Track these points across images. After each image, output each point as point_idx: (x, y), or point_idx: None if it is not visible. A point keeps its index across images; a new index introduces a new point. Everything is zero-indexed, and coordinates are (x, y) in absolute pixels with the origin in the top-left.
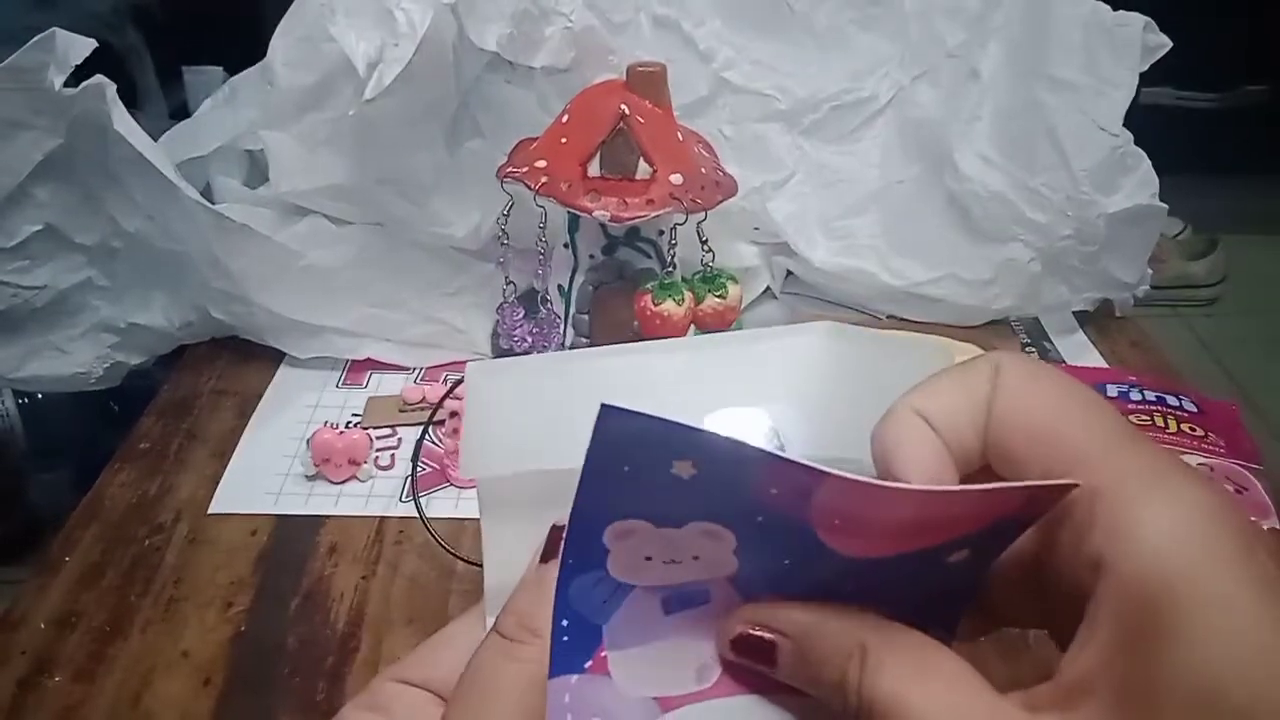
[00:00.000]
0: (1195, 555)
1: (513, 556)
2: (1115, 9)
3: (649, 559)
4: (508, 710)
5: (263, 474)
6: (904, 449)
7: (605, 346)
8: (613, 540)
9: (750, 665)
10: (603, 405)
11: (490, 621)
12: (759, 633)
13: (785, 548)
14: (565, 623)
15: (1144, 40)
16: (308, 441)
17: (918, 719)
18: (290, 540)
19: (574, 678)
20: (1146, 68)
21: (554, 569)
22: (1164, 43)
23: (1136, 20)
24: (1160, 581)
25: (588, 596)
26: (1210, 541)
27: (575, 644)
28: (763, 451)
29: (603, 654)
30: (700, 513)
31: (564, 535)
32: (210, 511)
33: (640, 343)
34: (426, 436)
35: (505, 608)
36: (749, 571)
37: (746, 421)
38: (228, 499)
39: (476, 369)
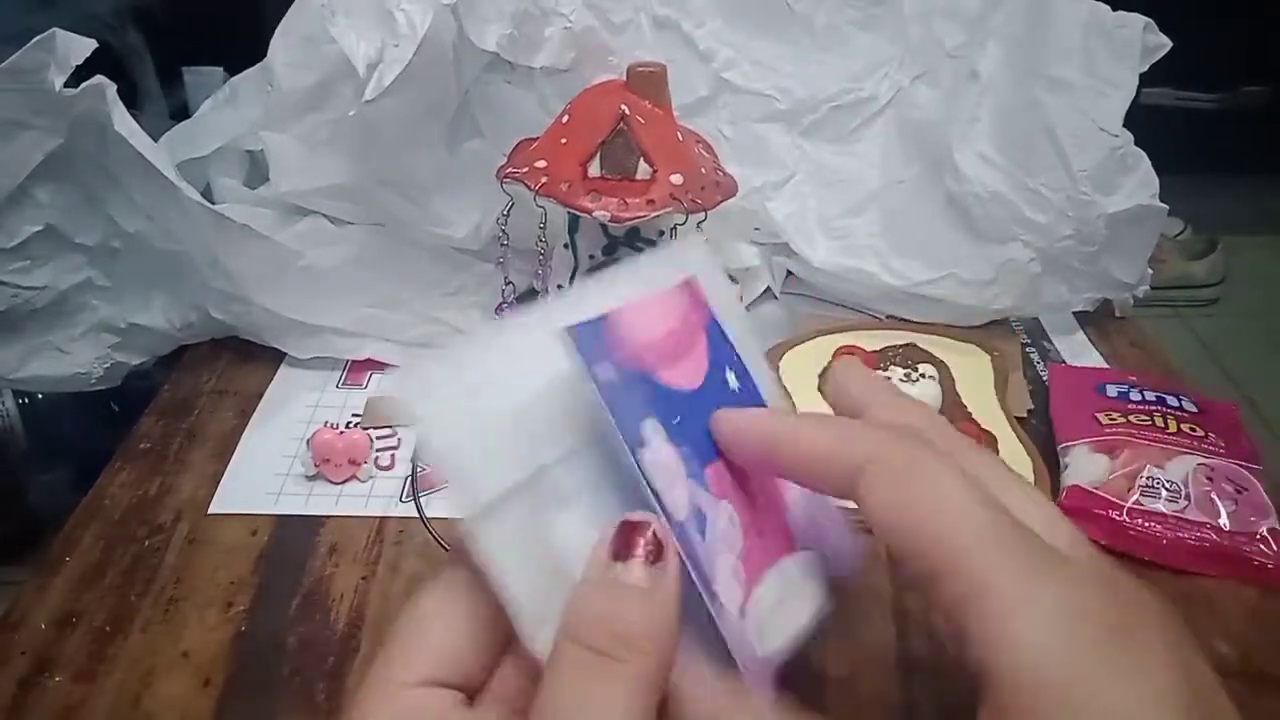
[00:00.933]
0: (1063, 661)
1: (534, 566)
2: (1115, 9)
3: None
4: None
5: (263, 474)
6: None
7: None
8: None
9: None
10: (563, 329)
11: (535, 642)
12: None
13: (666, 407)
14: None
15: (1144, 41)
16: (308, 442)
17: None
18: (290, 540)
19: (729, 614)
20: (1146, 68)
21: (629, 571)
22: (1164, 43)
23: (1136, 21)
24: (1034, 690)
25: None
26: (1075, 643)
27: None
28: (590, 320)
29: (714, 589)
30: (637, 413)
31: (653, 495)
32: (210, 511)
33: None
34: None
35: (579, 613)
36: (686, 455)
37: None
38: (228, 499)
39: (421, 403)
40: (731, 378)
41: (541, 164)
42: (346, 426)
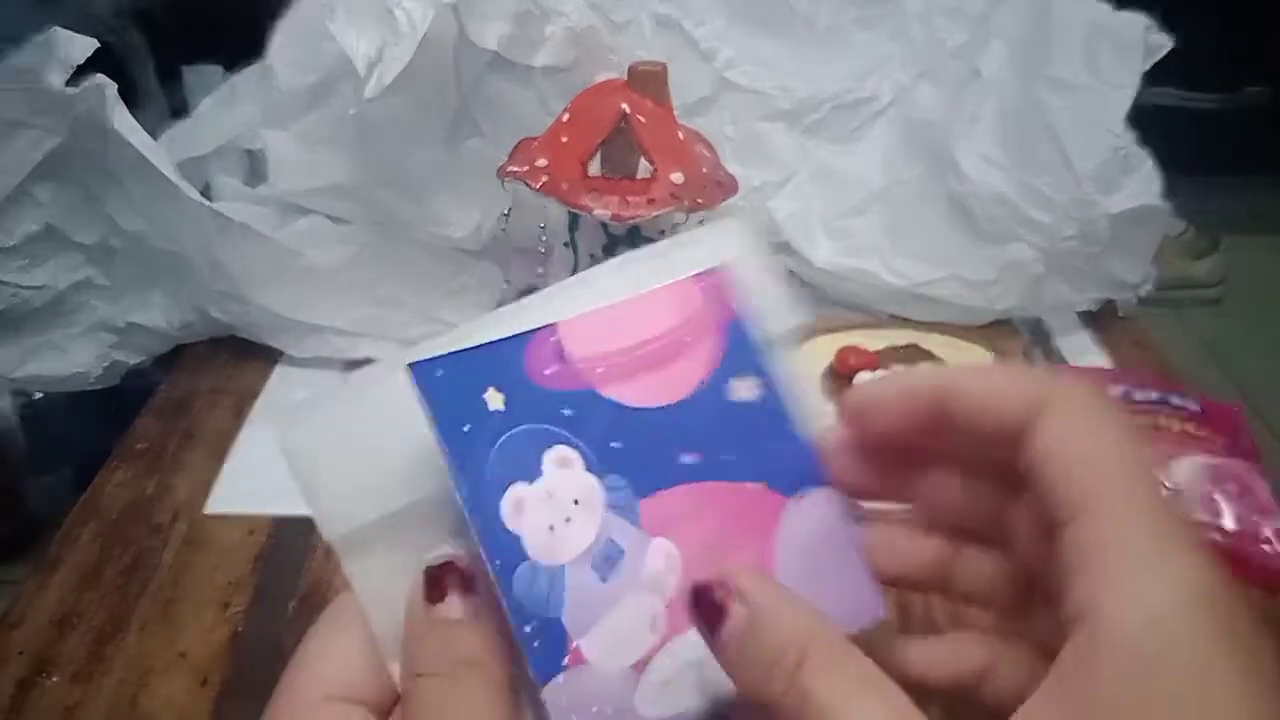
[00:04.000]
0: (1182, 631)
1: (395, 597)
2: (1117, 9)
3: (552, 529)
4: None
5: (260, 474)
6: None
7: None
8: (512, 519)
9: (694, 620)
10: (408, 365)
11: (394, 667)
12: (719, 592)
13: (602, 429)
14: (528, 628)
15: (1146, 40)
16: None
17: None
18: (288, 540)
19: (560, 678)
20: (1148, 68)
21: (448, 607)
22: (1165, 43)
23: (1138, 21)
24: (1142, 650)
25: (532, 594)
26: (1198, 619)
27: (546, 645)
28: (511, 337)
29: (574, 644)
30: (539, 442)
31: (478, 540)
32: (208, 511)
33: (495, 313)
34: None
35: (417, 653)
36: (611, 486)
37: None
38: (225, 499)
39: (289, 434)
40: (746, 386)
41: (542, 163)
42: None
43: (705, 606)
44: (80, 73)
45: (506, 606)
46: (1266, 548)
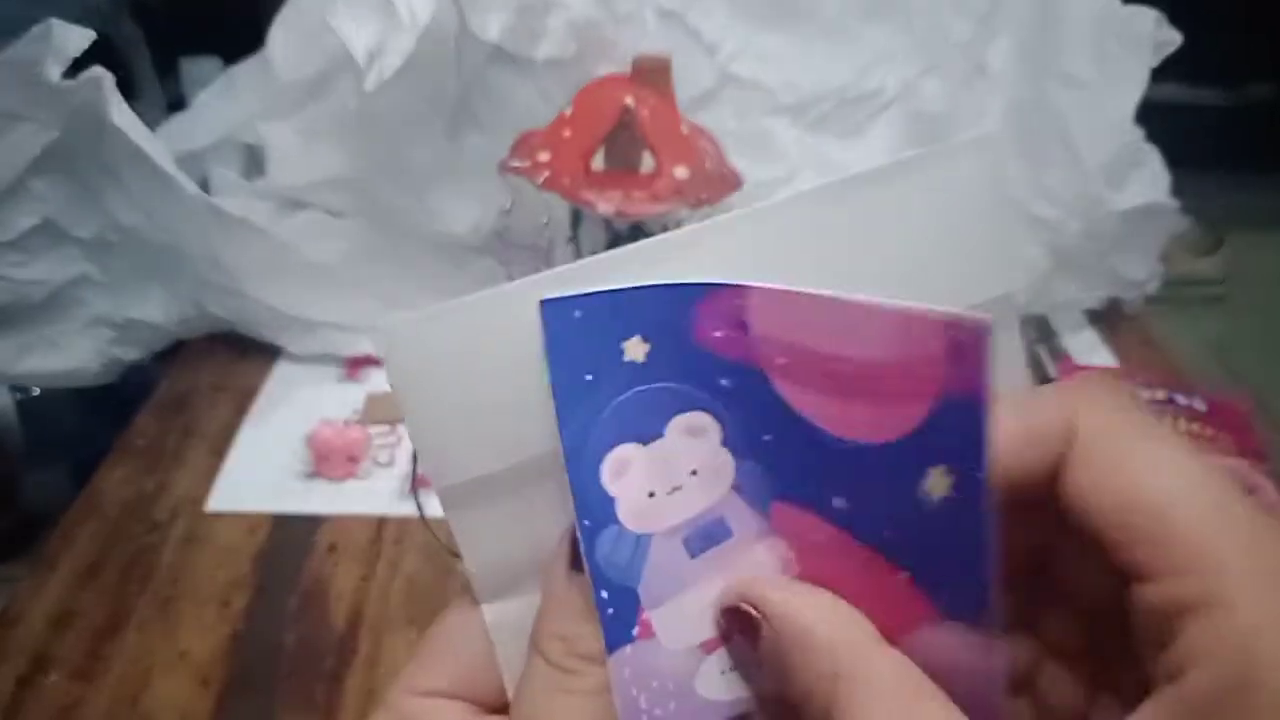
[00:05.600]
0: None
1: (497, 547)
2: (1125, 4)
3: (652, 495)
4: None
5: (261, 471)
6: None
7: (566, 267)
8: (612, 481)
9: (730, 633)
10: (541, 302)
11: (487, 614)
12: (747, 609)
13: (759, 418)
14: (605, 594)
15: (1154, 36)
16: (306, 438)
17: None
18: (289, 539)
19: (628, 649)
20: (1157, 63)
21: (585, 578)
22: (1174, 38)
23: (1146, 15)
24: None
25: (614, 559)
26: None
27: (619, 614)
28: (687, 284)
29: (644, 616)
30: (672, 404)
31: (571, 492)
32: (208, 509)
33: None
34: None
35: (544, 629)
36: (747, 471)
37: None
38: (225, 496)
39: (395, 338)
40: (944, 481)
41: (544, 157)
42: (345, 423)
43: (742, 625)
44: (77, 65)
45: (588, 569)
46: None
